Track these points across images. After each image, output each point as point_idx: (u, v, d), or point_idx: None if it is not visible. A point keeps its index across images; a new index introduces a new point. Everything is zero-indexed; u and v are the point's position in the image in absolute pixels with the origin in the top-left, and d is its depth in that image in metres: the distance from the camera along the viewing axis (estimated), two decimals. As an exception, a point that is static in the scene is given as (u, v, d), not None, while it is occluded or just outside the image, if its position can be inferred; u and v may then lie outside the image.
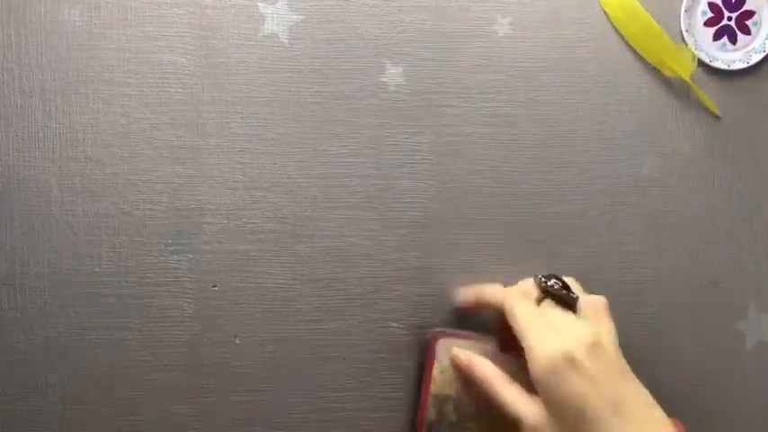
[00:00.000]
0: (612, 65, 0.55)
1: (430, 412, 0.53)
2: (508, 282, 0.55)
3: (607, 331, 0.48)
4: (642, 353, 0.56)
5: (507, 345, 0.52)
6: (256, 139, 0.54)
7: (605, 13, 0.55)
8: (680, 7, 0.55)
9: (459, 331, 0.54)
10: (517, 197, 0.56)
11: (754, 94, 0.56)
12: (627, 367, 0.48)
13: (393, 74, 0.55)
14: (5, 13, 0.53)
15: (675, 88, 0.56)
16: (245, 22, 0.54)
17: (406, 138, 0.55)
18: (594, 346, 0.46)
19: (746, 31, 0.56)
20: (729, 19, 0.56)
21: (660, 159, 0.56)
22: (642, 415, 0.46)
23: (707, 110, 0.56)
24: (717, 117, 0.56)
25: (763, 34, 0.55)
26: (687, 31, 0.55)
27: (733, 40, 0.56)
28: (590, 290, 0.56)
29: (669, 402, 0.56)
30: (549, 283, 0.50)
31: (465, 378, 0.52)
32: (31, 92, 0.53)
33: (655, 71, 0.55)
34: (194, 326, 0.54)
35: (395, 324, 0.55)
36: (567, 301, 0.50)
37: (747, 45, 0.56)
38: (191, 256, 0.54)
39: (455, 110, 0.55)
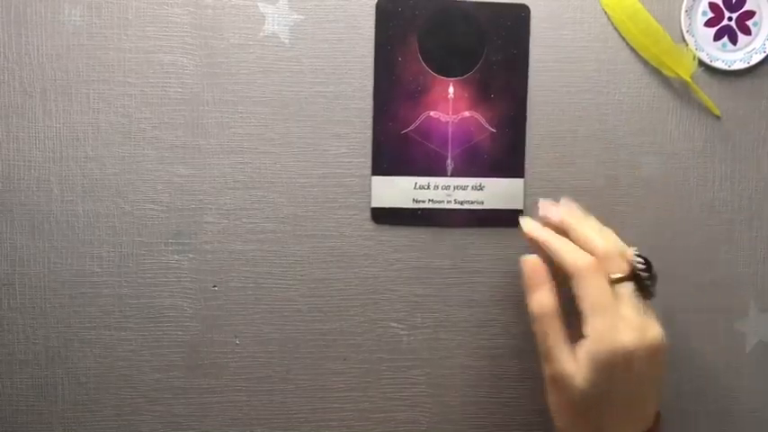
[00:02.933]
0: (612, 65, 0.55)
1: None
2: (510, 282, 0.55)
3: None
4: (642, 353, 0.56)
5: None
6: (256, 139, 0.54)
7: (605, 13, 0.55)
8: (680, 8, 0.55)
9: None
10: (517, 197, 0.56)
11: (755, 94, 0.56)
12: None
13: (393, 74, 0.55)
14: (6, 13, 0.53)
15: (675, 88, 0.56)
16: (245, 22, 0.54)
17: (407, 138, 0.55)
18: (657, 351, 0.45)
19: (747, 32, 0.56)
20: (730, 19, 0.56)
21: (660, 159, 0.56)
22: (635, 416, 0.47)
23: (707, 110, 0.56)
24: (717, 117, 0.56)
25: (763, 34, 0.55)
26: (688, 31, 0.55)
27: (733, 41, 0.56)
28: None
29: (669, 402, 0.56)
30: (639, 267, 0.46)
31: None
32: (31, 92, 0.53)
33: (655, 71, 0.55)
34: (194, 326, 0.54)
35: (395, 324, 0.55)
36: (647, 291, 0.47)
37: (748, 45, 0.56)
38: (191, 256, 0.54)
39: (455, 110, 0.55)
